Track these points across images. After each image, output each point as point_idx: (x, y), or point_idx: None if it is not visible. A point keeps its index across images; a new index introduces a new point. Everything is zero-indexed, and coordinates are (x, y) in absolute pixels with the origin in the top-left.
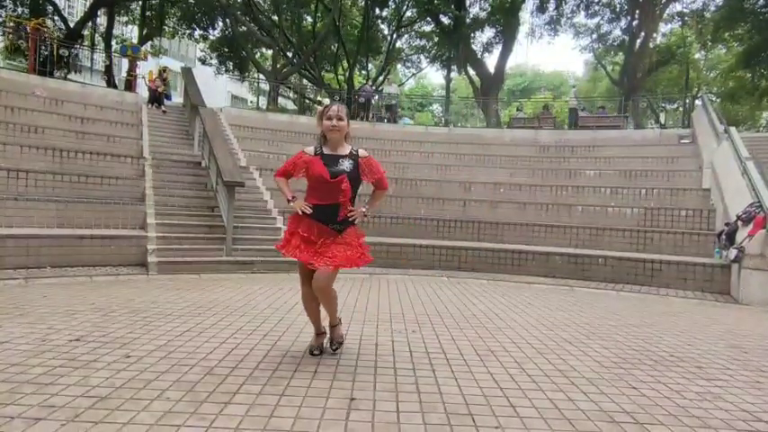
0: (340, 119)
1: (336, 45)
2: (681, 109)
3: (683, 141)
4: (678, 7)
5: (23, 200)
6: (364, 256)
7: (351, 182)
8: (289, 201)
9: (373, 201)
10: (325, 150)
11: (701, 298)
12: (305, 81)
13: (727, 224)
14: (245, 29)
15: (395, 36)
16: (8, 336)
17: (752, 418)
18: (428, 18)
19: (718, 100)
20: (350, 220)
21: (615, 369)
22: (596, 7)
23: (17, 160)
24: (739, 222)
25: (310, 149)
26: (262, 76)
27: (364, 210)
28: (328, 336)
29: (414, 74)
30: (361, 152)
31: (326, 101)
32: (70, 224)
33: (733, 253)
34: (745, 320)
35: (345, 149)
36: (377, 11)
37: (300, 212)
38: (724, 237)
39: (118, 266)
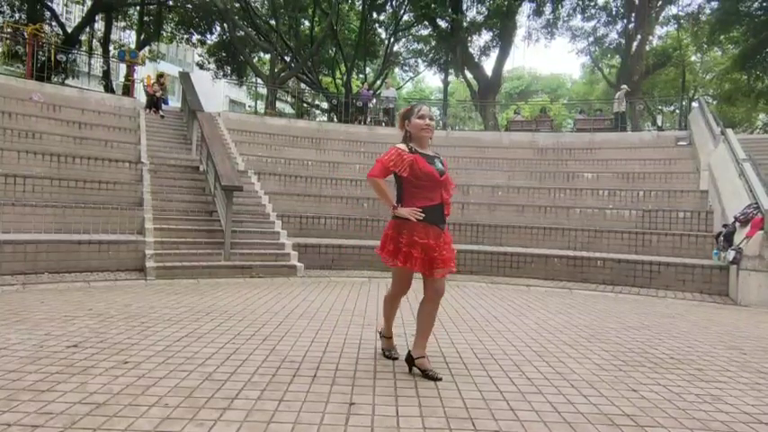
0: (431, 118)
1: (334, 49)
2: (677, 111)
3: (680, 143)
4: (674, 10)
5: (21, 205)
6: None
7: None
8: (394, 207)
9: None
10: (419, 150)
11: (699, 300)
12: (303, 85)
13: (725, 226)
14: (242, 33)
15: (392, 40)
16: (5, 342)
17: (752, 420)
18: (425, 22)
19: (714, 102)
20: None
21: (615, 372)
22: (592, 10)
23: (14, 166)
24: (737, 224)
25: (403, 147)
26: (259, 80)
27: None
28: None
29: (411, 77)
30: (439, 154)
31: (324, 105)
32: (68, 229)
33: (731, 254)
34: (744, 322)
35: (430, 150)
36: (374, 15)
37: (414, 219)
38: (722, 238)
39: (116, 272)
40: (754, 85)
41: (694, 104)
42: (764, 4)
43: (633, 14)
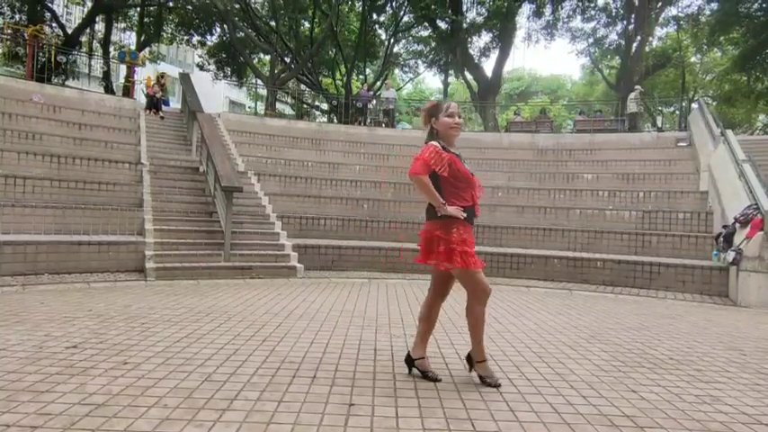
0: (460, 116)
1: (334, 50)
2: (677, 112)
3: (680, 144)
4: (673, 11)
5: (21, 206)
6: None
7: None
8: (443, 205)
9: None
10: (452, 149)
11: (699, 300)
12: (303, 86)
13: (724, 226)
14: (242, 35)
15: (392, 41)
16: (5, 343)
17: (751, 421)
18: (425, 23)
19: (714, 103)
20: None
21: (614, 372)
22: (592, 12)
23: (15, 167)
24: (737, 225)
25: (437, 145)
26: (260, 81)
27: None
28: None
29: (411, 78)
30: None
31: (324, 106)
32: (68, 230)
33: (731, 255)
34: (744, 323)
35: (455, 149)
36: (374, 16)
37: (462, 216)
38: (722, 239)
39: (116, 273)
40: (753, 86)
41: (694, 105)
42: (764, 6)
43: (633, 16)
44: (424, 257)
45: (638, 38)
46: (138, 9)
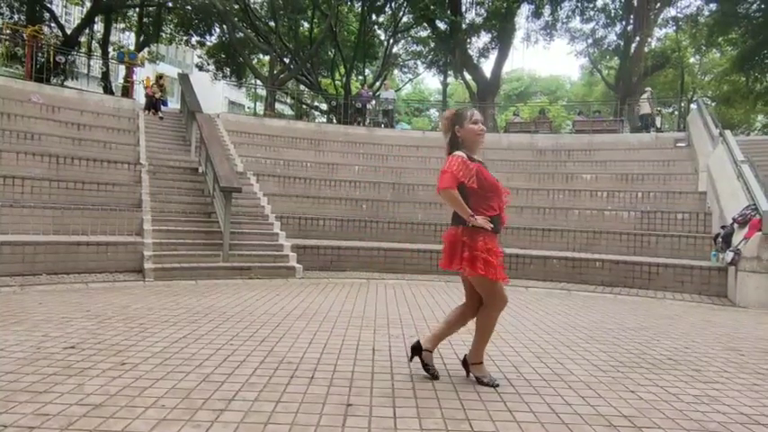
0: (485, 124)
1: (333, 51)
2: (676, 113)
3: (678, 145)
4: (672, 12)
5: (19, 206)
6: None
7: None
8: (472, 216)
9: None
10: (475, 157)
11: (698, 301)
12: (302, 87)
13: (723, 227)
14: (242, 35)
15: (391, 41)
16: (2, 343)
17: (749, 421)
18: (424, 24)
19: (713, 103)
20: None
21: (613, 372)
22: (591, 12)
23: (13, 167)
24: (735, 225)
25: (463, 155)
26: (259, 81)
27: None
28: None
29: (411, 79)
30: None
31: (323, 106)
32: (66, 231)
33: (729, 256)
34: (742, 323)
35: (479, 156)
36: (373, 17)
37: (489, 228)
38: (720, 239)
39: (114, 273)
40: (752, 86)
41: (693, 106)
42: (762, 6)
43: (632, 16)
44: (447, 263)
45: (637, 38)
46: (137, 9)
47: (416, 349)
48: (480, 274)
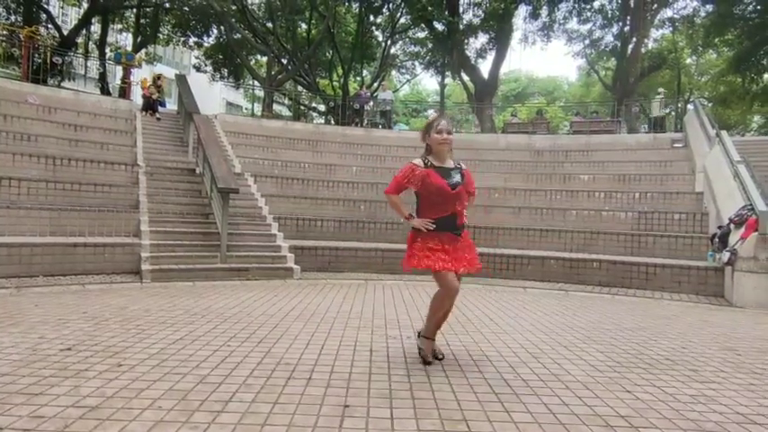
0: (449, 132)
1: (331, 52)
2: (673, 113)
3: (675, 145)
4: (669, 13)
5: (16, 208)
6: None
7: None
8: (406, 218)
9: (468, 209)
10: (435, 163)
11: (695, 301)
12: (300, 88)
13: (719, 227)
14: (239, 36)
15: (389, 42)
16: None
17: (746, 421)
18: (422, 25)
19: (709, 104)
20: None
21: (610, 373)
22: (588, 13)
23: (10, 168)
24: (732, 225)
25: (419, 162)
26: (256, 82)
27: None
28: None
29: (408, 80)
30: (463, 164)
31: (321, 107)
32: (63, 232)
33: (726, 256)
34: (739, 323)
35: (450, 162)
36: (371, 18)
37: (424, 230)
38: (717, 240)
39: (111, 274)
40: (748, 87)
41: (690, 107)
42: (758, 7)
43: (628, 17)
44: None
45: (634, 39)
46: (135, 10)
47: (420, 333)
48: (413, 265)
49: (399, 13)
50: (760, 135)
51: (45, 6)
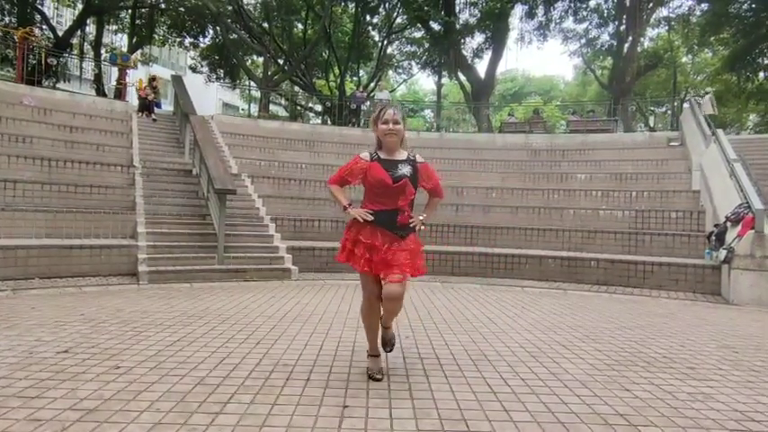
0: (396, 122)
1: (327, 52)
2: (669, 112)
3: (672, 144)
4: (664, 12)
5: (11, 210)
6: (424, 265)
7: (412, 186)
8: (345, 208)
9: (429, 209)
10: (382, 155)
11: (692, 299)
12: (296, 88)
13: (716, 225)
14: (235, 36)
15: (386, 42)
16: None
17: (744, 418)
18: (418, 24)
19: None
20: (410, 226)
21: (608, 371)
22: (584, 13)
23: (5, 170)
24: (728, 223)
25: (366, 155)
26: (253, 83)
27: (422, 218)
28: (380, 340)
29: (405, 80)
30: (419, 157)
31: (318, 107)
32: (59, 234)
33: (723, 254)
34: (736, 321)
35: (402, 154)
36: (367, 17)
37: (361, 220)
38: (714, 238)
39: (108, 276)
40: (744, 85)
41: (686, 105)
42: (753, 6)
43: (624, 16)
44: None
45: (630, 38)
46: (130, 11)
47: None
48: (342, 261)
49: (396, 13)
50: (756, 133)
51: (39, 7)
